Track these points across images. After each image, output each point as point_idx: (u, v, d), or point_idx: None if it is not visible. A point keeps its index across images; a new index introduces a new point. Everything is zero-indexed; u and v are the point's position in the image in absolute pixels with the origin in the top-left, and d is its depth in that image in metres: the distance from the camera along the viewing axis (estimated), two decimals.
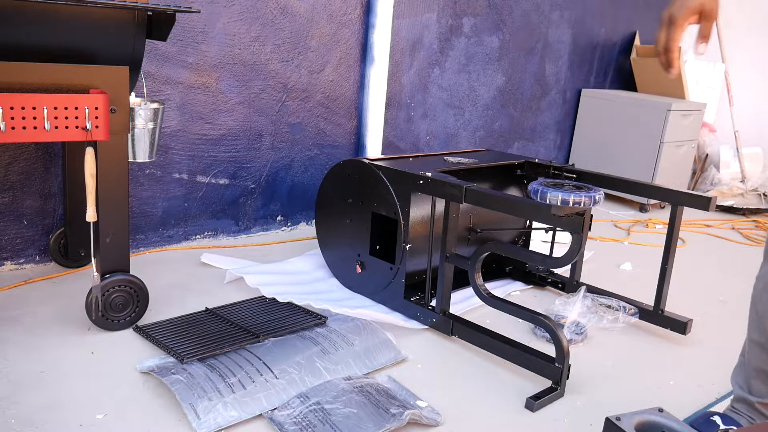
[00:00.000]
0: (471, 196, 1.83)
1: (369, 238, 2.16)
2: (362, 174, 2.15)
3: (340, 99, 2.93)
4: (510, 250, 1.89)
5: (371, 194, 2.13)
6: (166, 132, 2.43)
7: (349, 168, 2.19)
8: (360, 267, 2.20)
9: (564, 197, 1.87)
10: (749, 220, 3.86)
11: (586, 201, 1.86)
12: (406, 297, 2.07)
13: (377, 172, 2.10)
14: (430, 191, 1.94)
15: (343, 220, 2.24)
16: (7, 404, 1.49)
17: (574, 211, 1.66)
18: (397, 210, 2.05)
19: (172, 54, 2.37)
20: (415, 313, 2.04)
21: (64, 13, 1.65)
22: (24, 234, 2.23)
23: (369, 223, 2.15)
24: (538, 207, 1.71)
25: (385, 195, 2.08)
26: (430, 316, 2.00)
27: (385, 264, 2.12)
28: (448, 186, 1.87)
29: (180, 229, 2.59)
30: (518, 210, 1.77)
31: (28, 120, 1.55)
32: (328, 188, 2.28)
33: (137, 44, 1.77)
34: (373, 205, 2.12)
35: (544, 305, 2.22)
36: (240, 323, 1.91)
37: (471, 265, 1.89)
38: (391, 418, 1.50)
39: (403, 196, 2.03)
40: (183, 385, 1.55)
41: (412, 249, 2.08)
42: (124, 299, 1.84)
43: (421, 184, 1.96)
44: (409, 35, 3.13)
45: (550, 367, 1.74)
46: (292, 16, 2.65)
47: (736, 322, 2.36)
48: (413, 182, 1.98)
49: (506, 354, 1.85)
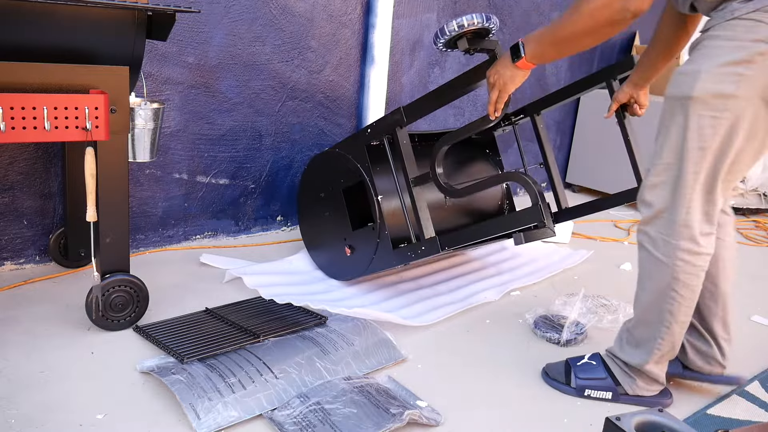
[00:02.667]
0: (410, 112, 1.98)
1: (348, 216, 2.21)
2: (324, 162, 2.29)
3: (340, 99, 2.93)
4: (458, 132, 1.94)
5: (336, 174, 2.23)
6: (166, 132, 2.43)
7: (313, 165, 2.34)
8: (349, 249, 2.22)
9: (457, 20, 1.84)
10: (749, 220, 3.86)
11: (477, 20, 1.80)
12: (394, 248, 2.08)
13: (333, 150, 2.25)
14: (378, 133, 2.07)
15: (323, 215, 2.31)
16: (7, 404, 1.49)
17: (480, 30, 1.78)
18: (359, 170, 2.13)
19: (172, 54, 2.37)
20: (407, 254, 2.04)
21: (64, 13, 1.65)
22: (24, 234, 2.23)
23: (343, 202, 2.22)
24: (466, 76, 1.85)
25: (345, 165, 2.19)
26: (418, 247, 2.00)
27: (367, 229, 2.15)
28: (389, 117, 2.04)
29: (180, 229, 2.59)
30: (449, 92, 1.91)
31: (28, 120, 1.55)
32: (302, 197, 2.41)
33: (137, 44, 1.77)
34: (341, 182, 2.22)
35: (544, 305, 2.22)
36: (240, 323, 1.91)
37: (432, 167, 1.96)
38: (391, 418, 1.50)
39: (360, 153, 2.14)
40: (183, 385, 1.55)
41: (388, 203, 2.12)
42: (124, 299, 1.84)
43: (369, 133, 2.11)
44: (409, 35, 3.13)
45: (531, 210, 1.74)
46: (292, 16, 2.65)
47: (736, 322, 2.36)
48: (363, 136, 2.13)
49: (492, 229, 1.86)
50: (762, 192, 4.25)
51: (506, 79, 1.71)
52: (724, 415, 1.71)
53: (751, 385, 1.87)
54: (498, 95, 1.75)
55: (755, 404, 1.78)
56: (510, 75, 1.69)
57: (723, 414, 1.71)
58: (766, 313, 2.43)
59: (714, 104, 1.43)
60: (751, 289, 2.70)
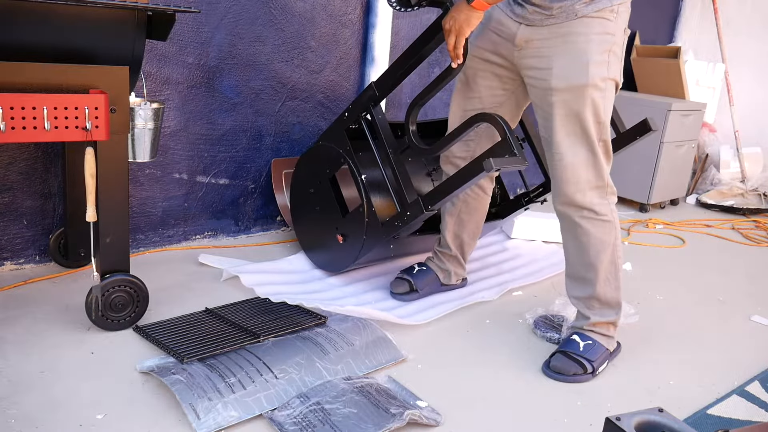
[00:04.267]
0: (380, 85, 2.04)
1: (336, 203, 2.23)
2: (308, 159, 2.32)
3: (340, 99, 2.93)
4: (429, 88, 1.97)
5: (321, 166, 2.25)
6: (166, 132, 2.43)
7: (299, 165, 2.37)
8: (342, 237, 2.23)
9: None
10: (749, 220, 3.86)
11: None
12: (383, 225, 2.08)
13: (317, 142, 2.28)
14: (355, 113, 2.11)
15: (314, 211, 2.32)
16: (7, 404, 1.49)
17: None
18: (341, 155, 2.16)
19: (172, 54, 2.37)
20: (394, 224, 2.05)
21: (64, 13, 1.65)
22: (24, 234, 2.23)
23: (331, 191, 2.24)
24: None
25: (328, 153, 2.21)
26: (404, 213, 2.01)
27: (355, 212, 2.16)
28: (363, 95, 2.08)
29: (180, 229, 2.59)
30: (413, 54, 1.97)
31: (28, 120, 1.55)
32: (294, 200, 2.43)
33: (137, 44, 1.77)
34: (326, 173, 2.24)
35: (544, 305, 2.23)
36: (240, 323, 1.91)
37: (406, 126, 2.00)
38: (391, 418, 1.50)
39: (340, 139, 2.17)
40: (183, 385, 1.55)
41: (373, 181, 2.15)
42: (124, 299, 1.84)
43: (346, 117, 2.15)
44: (409, 35, 3.13)
45: (501, 144, 1.75)
46: (292, 16, 2.65)
47: (736, 322, 2.36)
48: (341, 121, 2.17)
49: (468, 174, 1.85)
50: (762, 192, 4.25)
51: (461, 22, 1.75)
52: (724, 415, 1.71)
53: (751, 385, 1.87)
54: (456, 40, 1.78)
55: (755, 404, 1.78)
56: (465, 17, 1.74)
57: (723, 414, 1.71)
58: (766, 313, 2.43)
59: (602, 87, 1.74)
60: (751, 289, 2.70)
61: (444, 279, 2.30)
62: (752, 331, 2.28)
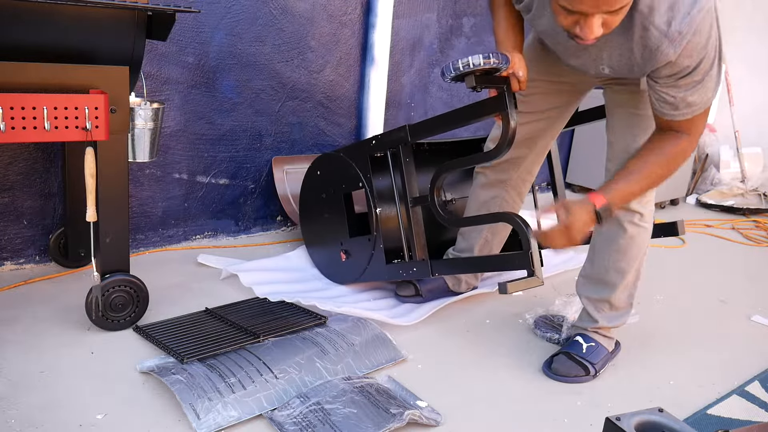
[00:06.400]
0: (415, 132, 1.95)
1: (346, 221, 2.20)
2: (329, 163, 2.26)
3: (340, 99, 2.93)
4: (460, 162, 1.91)
5: (339, 177, 2.21)
6: (166, 132, 2.43)
7: (318, 164, 2.30)
8: (344, 254, 2.21)
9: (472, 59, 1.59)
10: (749, 220, 3.86)
11: (495, 61, 1.57)
12: (387, 262, 2.07)
13: (338, 154, 2.21)
14: (383, 146, 2.05)
15: (322, 215, 2.30)
16: (7, 404, 1.49)
17: (490, 69, 1.57)
18: (361, 179, 2.11)
19: (172, 54, 2.37)
20: (398, 271, 2.03)
21: (64, 13, 1.65)
22: (24, 234, 2.23)
23: (343, 206, 2.21)
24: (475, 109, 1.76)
25: (348, 170, 2.16)
26: (410, 267, 2.00)
27: (363, 239, 2.14)
28: (394, 133, 2.01)
29: (180, 229, 2.59)
30: (458, 117, 1.83)
31: (28, 120, 1.55)
32: (305, 193, 2.38)
33: (137, 44, 1.77)
34: (342, 187, 2.20)
35: (544, 305, 2.22)
36: (240, 323, 1.91)
37: (431, 191, 1.93)
38: (391, 418, 1.50)
39: (363, 162, 2.11)
40: (183, 385, 1.55)
41: (386, 216, 2.12)
42: (124, 299, 1.84)
43: (374, 144, 2.07)
44: (409, 35, 3.13)
45: (521, 256, 1.67)
46: (292, 16, 2.65)
47: (736, 322, 2.36)
48: (368, 146, 2.10)
49: (483, 266, 1.93)
50: (762, 192, 4.25)
51: (579, 230, 1.55)
52: (724, 415, 1.71)
53: (751, 385, 1.87)
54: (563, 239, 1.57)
55: (755, 404, 1.78)
56: (585, 229, 1.56)
57: (723, 414, 1.71)
58: (766, 313, 2.43)
59: None
60: (751, 289, 2.70)
61: (453, 286, 2.23)
62: (752, 331, 2.28)
